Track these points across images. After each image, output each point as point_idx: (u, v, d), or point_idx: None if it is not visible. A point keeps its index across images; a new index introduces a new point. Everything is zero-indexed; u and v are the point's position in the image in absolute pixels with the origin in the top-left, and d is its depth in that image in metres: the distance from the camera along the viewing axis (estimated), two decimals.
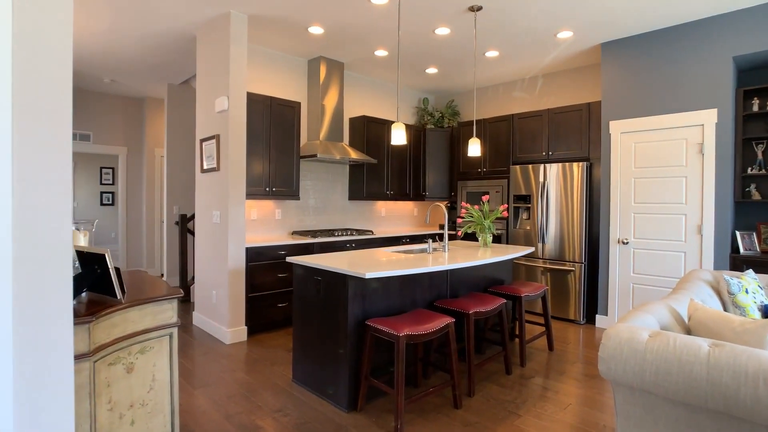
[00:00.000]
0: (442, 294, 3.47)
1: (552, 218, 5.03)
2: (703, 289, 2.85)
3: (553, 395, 3.06)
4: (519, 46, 4.80)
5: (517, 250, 3.97)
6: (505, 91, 6.22)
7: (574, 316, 4.85)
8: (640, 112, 4.47)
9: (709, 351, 1.59)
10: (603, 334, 1.78)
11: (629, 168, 4.53)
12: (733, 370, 1.51)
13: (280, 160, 4.66)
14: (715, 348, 1.59)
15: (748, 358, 1.52)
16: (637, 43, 4.49)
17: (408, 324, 2.66)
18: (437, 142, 6.30)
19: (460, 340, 3.63)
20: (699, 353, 1.59)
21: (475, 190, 5.88)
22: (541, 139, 5.29)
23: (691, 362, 1.59)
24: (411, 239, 5.71)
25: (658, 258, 4.36)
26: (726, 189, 4.02)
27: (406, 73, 5.86)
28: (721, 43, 4.03)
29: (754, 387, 1.46)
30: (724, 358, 1.54)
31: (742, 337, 1.86)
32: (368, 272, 2.54)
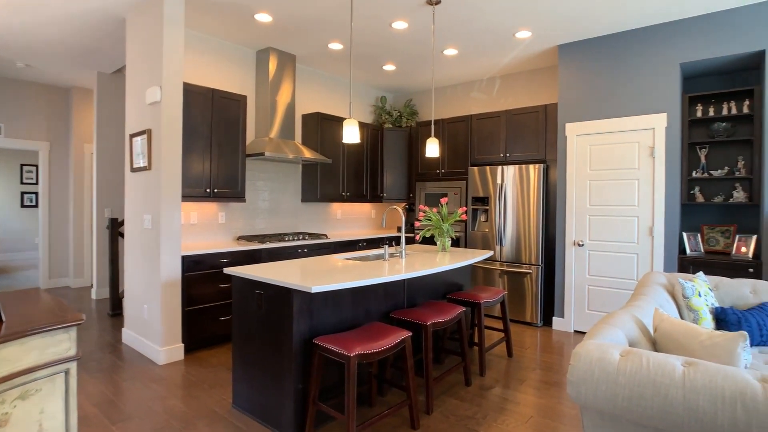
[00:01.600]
0: (399, 304, 3.26)
1: (509, 220, 4.96)
2: (660, 293, 2.81)
3: (513, 407, 2.93)
4: (478, 45, 4.69)
5: (476, 254, 3.83)
6: (463, 92, 6.12)
7: (531, 319, 4.80)
8: (596, 114, 4.47)
9: (684, 372, 1.47)
10: (572, 353, 1.63)
11: (585, 170, 4.52)
12: (709, 393, 1.40)
13: (223, 158, 4.28)
14: (689, 368, 1.48)
15: (724, 379, 1.41)
16: (593, 46, 4.49)
17: (360, 341, 2.42)
18: (395, 142, 6.11)
19: (418, 351, 3.44)
20: (674, 375, 1.47)
21: (433, 191, 5.74)
22: (499, 140, 5.22)
23: (666, 385, 1.46)
24: (368, 243, 5.49)
25: (612, 259, 4.37)
26: (674, 192, 4.08)
27: (362, 69, 5.62)
28: (669, 50, 4.09)
29: (731, 411, 1.35)
30: (700, 379, 1.43)
31: (711, 351, 1.77)
32: (315, 285, 2.28)
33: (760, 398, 1.32)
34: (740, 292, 2.98)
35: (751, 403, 1.33)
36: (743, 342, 1.65)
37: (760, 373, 1.43)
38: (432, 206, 5.69)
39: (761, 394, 1.33)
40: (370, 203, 6.26)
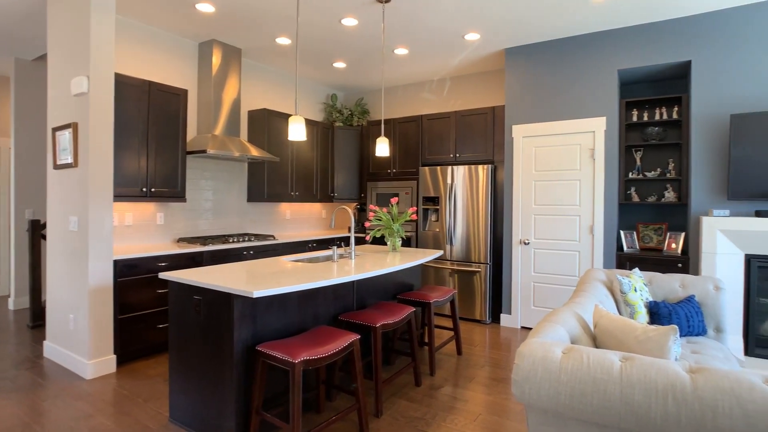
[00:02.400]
0: (348, 306, 3.19)
1: (459, 220, 5.02)
2: (600, 289, 2.92)
3: (462, 405, 2.95)
4: (428, 45, 4.70)
5: (427, 254, 3.83)
6: (414, 92, 6.14)
7: (480, 316, 4.89)
8: (540, 117, 4.61)
9: (621, 367, 1.50)
10: (516, 352, 1.63)
11: (530, 171, 4.65)
12: (644, 386, 1.44)
13: (161, 155, 4.03)
14: (626, 363, 1.52)
15: (656, 373, 1.45)
16: (538, 50, 4.63)
17: (307, 346, 2.33)
18: (346, 141, 6.03)
19: (367, 354, 3.39)
20: (612, 371, 1.50)
21: (385, 191, 5.71)
22: (449, 141, 5.27)
23: (605, 381, 1.49)
24: (318, 244, 5.37)
25: (555, 257, 4.53)
26: (612, 192, 4.29)
27: (312, 66, 5.49)
28: (609, 56, 4.28)
29: (663, 404, 1.39)
30: (635, 374, 1.47)
31: (645, 346, 1.83)
32: (257, 290, 2.17)
33: (689, 389, 1.37)
34: (671, 287, 3.16)
35: (681, 395, 1.37)
36: (674, 335, 1.72)
37: (688, 364, 1.49)
38: (383, 206, 5.67)
39: (689, 386, 1.38)
40: (320, 203, 6.15)
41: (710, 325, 3.00)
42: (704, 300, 3.03)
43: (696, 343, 2.78)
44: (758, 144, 3.59)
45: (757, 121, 3.59)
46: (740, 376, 1.38)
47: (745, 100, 3.76)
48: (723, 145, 3.85)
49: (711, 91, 3.89)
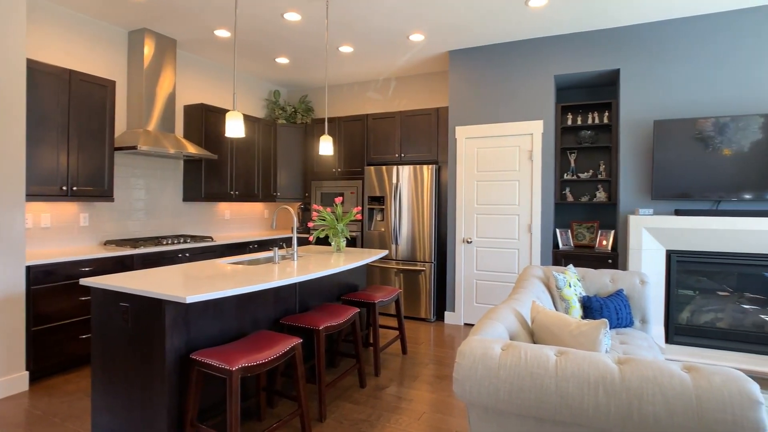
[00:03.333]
0: (291, 309, 3.09)
1: (405, 219, 5.05)
2: (537, 285, 3.02)
3: (407, 405, 2.94)
4: (373, 44, 4.68)
5: (372, 253, 3.81)
6: (360, 91, 6.09)
7: (425, 315, 4.94)
8: (482, 119, 4.73)
9: (557, 361, 1.54)
10: (457, 351, 1.63)
11: (473, 171, 4.76)
12: (577, 379, 1.48)
13: (85, 151, 3.71)
14: (561, 357, 1.56)
15: (589, 366, 1.50)
16: (481, 54, 4.74)
17: (245, 352, 2.22)
18: (290, 139, 5.88)
19: (311, 357, 3.30)
20: (548, 365, 1.54)
21: (330, 190, 5.62)
22: (394, 140, 5.28)
23: (541, 375, 1.52)
24: (260, 245, 5.18)
25: (496, 255, 4.66)
26: (549, 192, 4.48)
27: (253, 61, 5.29)
28: (546, 62, 4.47)
29: (595, 395, 1.44)
30: (569, 367, 1.51)
31: (579, 339, 1.91)
32: (191, 295, 2.04)
33: (617, 380, 1.43)
34: (602, 281, 3.34)
35: (611, 385, 1.43)
36: (604, 329, 1.80)
37: (617, 356, 1.56)
38: (328, 206, 5.58)
39: (618, 377, 1.44)
40: (262, 203, 5.95)
41: (637, 316, 3.20)
42: (631, 293, 3.23)
43: (624, 334, 2.96)
44: (678, 148, 3.88)
45: (676, 127, 3.88)
46: (662, 365, 1.46)
47: (667, 107, 4.07)
48: (647, 149, 4.13)
49: (637, 98, 4.16)
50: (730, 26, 3.87)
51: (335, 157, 5.65)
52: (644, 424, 1.38)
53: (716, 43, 3.91)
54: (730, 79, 3.87)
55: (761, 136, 3.64)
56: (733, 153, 3.72)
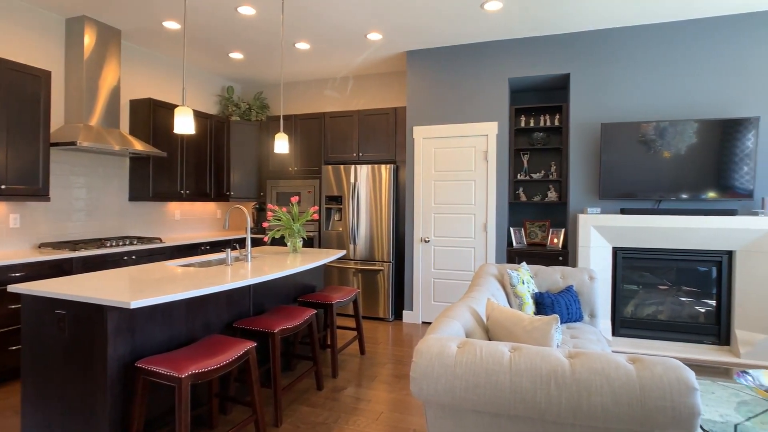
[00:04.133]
0: (245, 312, 2.99)
1: (363, 219, 5.02)
2: (492, 283, 3.08)
3: (365, 405, 2.92)
4: (331, 41, 4.62)
5: (329, 254, 3.76)
6: (317, 88, 6.01)
7: (384, 314, 4.93)
8: (439, 119, 4.78)
9: (511, 357, 1.57)
10: (414, 350, 1.63)
11: (430, 171, 4.81)
12: (530, 374, 1.51)
13: (15, 146, 3.42)
14: (515, 353, 1.59)
15: (541, 360, 1.54)
16: (438, 55, 4.80)
17: (195, 358, 2.12)
18: (244, 137, 5.70)
19: (266, 361, 3.21)
20: (502, 361, 1.56)
21: (286, 190, 5.51)
22: (352, 139, 5.24)
23: (496, 371, 1.54)
24: (212, 246, 5.00)
25: (453, 254, 4.73)
26: (503, 191, 4.59)
27: (205, 55, 5.10)
28: (500, 65, 4.58)
29: (547, 388, 1.48)
30: (523, 362, 1.54)
31: (532, 335, 1.95)
32: (136, 299, 1.92)
33: (568, 373, 1.48)
34: (553, 278, 3.45)
35: (562, 378, 1.47)
36: (555, 324, 1.85)
37: (567, 350, 1.61)
38: (284, 205, 5.47)
39: (568, 370, 1.48)
40: (215, 202, 5.75)
41: (586, 311, 3.34)
42: (581, 289, 3.36)
43: (574, 329, 3.07)
44: (623, 150, 4.09)
45: (622, 130, 4.08)
46: (609, 358, 1.51)
47: (613, 111, 4.27)
48: (595, 151, 4.32)
49: (586, 101, 4.35)
50: (669, 37, 4.12)
51: (292, 156, 5.54)
52: (593, 414, 1.43)
53: (657, 52, 4.15)
54: (670, 85, 4.12)
55: (696, 140, 3.90)
56: (672, 155, 3.96)
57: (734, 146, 3.81)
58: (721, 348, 3.96)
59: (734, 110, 3.97)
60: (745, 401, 2.37)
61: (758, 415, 2.21)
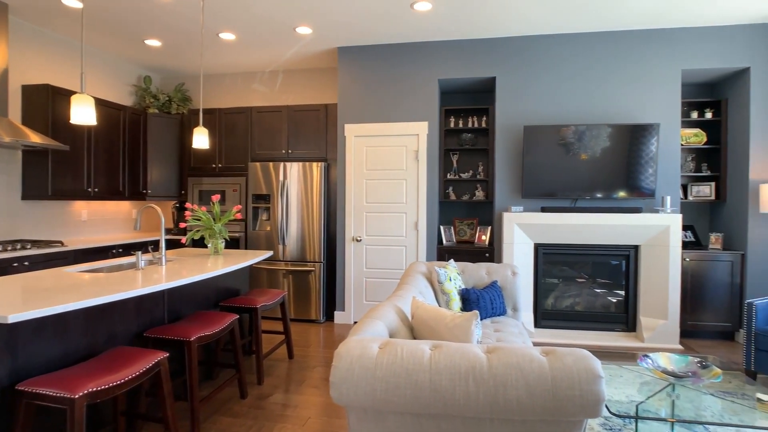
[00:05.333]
0: (158, 320, 2.76)
1: (293, 218, 4.87)
2: (421, 281, 3.10)
3: (292, 411, 2.81)
4: (258, 34, 4.42)
5: (255, 255, 3.59)
6: (244, 82, 5.74)
7: (315, 316, 4.82)
8: (371, 118, 4.75)
9: (431, 356, 1.56)
10: (334, 353, 1.56)
11: (362, 170, 4.77)
12: (450, 372, 1.51)
13: None
14: (435, 351, 1.58)
15: (460, 357, 1.54)
16: (370, 53, 4.76)
17: (94, 375, 1.91)
18: (163, 131, 5.31)
19: (183, 372, 2.99)
20: (423, 360, 1.54)
21: (210, 188, 5.21)
22: (281, 136, 5.07)
23: (416, 371, 1.52)
24: (125, 249, 4.59)
25: (385, 252, 4.73)
26: (434, 190, 4.66)
27: (117, 40, 4.67)
28: (431, 66, 4.64)
29: (465, 385, 1.48)
30: (443, 360, 1.53)
31: (454, 332, 1.96)
32: (15, 312, 1.68)
33: (485, 369, 1.49)
34: (479, 274, 3.55)
35: (479, 374, 1.48)
36: (475, 320, 1.87)
37: (486, 346, 1.62)
38: (207, 204, 5.17)
39: (486, 365, 1.50)
40: (130, 201, 5.30)
41: (509, 305, 3.46)
42: (504, 284, 3.48)
43: (498, 322, 3.17)
44: (544, 152, 4.30)
45: (543, 132, 4.29)
46: (525, 352, 1.54)
47: (536, 114, 4.48)
48: (519, 152, 4.51)
49: (511, 104, 4.52)
50: (585, 47, 4.39)
51: (216, 152, 5.25)
52: (509, 408, 1.45)
53: (575, 60, 4.41)
54: (586, 92, 4.39)
55: (609, 144, 4.19)
56: (589, 157, 4.23)
57: (641, 150, 4.14)
58: (628, 334, 4.30)
59: (640, 117, 4.32)
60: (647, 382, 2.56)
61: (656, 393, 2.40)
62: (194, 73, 5.83)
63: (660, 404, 2.30)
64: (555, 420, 1.49)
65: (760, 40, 4.12)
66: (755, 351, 3.18)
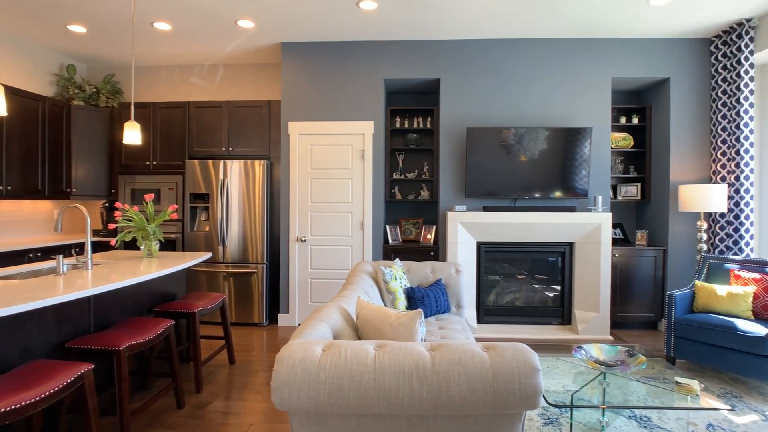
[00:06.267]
0: (83, 329, 2.54)
1: (234, 218, 4.68)
2: (366, 280, 3.09)
3: (233, 419, 2.70)
4: (196, 25, 4.21)
5: (193, 257, 3.41)
6: (181, 75, 5.45)
7: (258, 319, 4.67)
8: (316, 116, 4.67)
9: (375, 355, 1.54)
10: (276, 357, 1.51)
11: (306, 169, 4.68)
12: (394, 371, 1.50)
13: None
14: (380, 350, 1.57)
15: (404, 356, 1.54)
16: (316, 49, 4.67)
17: (2, 394, 1.71)
18: (90, 125, 4.92)
19: (112, 384, 2.78)
20: (367, 361, 1.52)
21: (144, 186, 4.89)
22: (221, 132, 4.86)
23: (360, 372, 1.50)
24: (45, 253, 4.20)
25: (331, 252, 4.67)
26: (380, 190, 4.67)
27: (34, 23, 4.27)
28: (377, 65, 4.64)
29: (409, 384, 1.48)
30: (387, 360, 1.52)
31: (398, 331, 1.96)
32: None
33: (429, 367, 1.49)
34: (424, 273, 3.59)
35: (423, 372, 1.48)
36: (419, 318, 1.88)
37: (429, 343, 1.63)
38: (139, 204, 4.85)
39: (429, 363, 1.50)
40: (51, 201, 4.87)
41: (453, 302, 3.53)
42: (449, 282, 3.55)
43: (443, 320, 3.22)
44: (486, 153, 4.42)
45: (485, 134, 4.42)
46: (467, 348, 1.57)
47: (479, 116, 4.60)
48: (463, 153, 4.61)
49: (454, 106, 4.61)
50: (524, 52, 4.57)
51: (150, 148, 4.94)
52: (451, 404, 1.46)
53: (515, 65, 4.58)
54: (526, 95, 4.58)
55: (546, 146, 4.39)
56: (528, 159, 4.41)
57: (575, 152, 4.37)
58: (564, 327, 4.53)
59: (575, 121, 4.56)
60: (581, 372, 2.70)
61: (589, 382, 2.54)
62: (125, 64, 5.45)
63: (593, 392, 2.43)
64: (496, 413, 1.53)
65: (678, 54, 4.49)
66: (674, 338, 3.45)
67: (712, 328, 3.22)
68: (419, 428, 1.55)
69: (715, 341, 3.20)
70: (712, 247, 4.31)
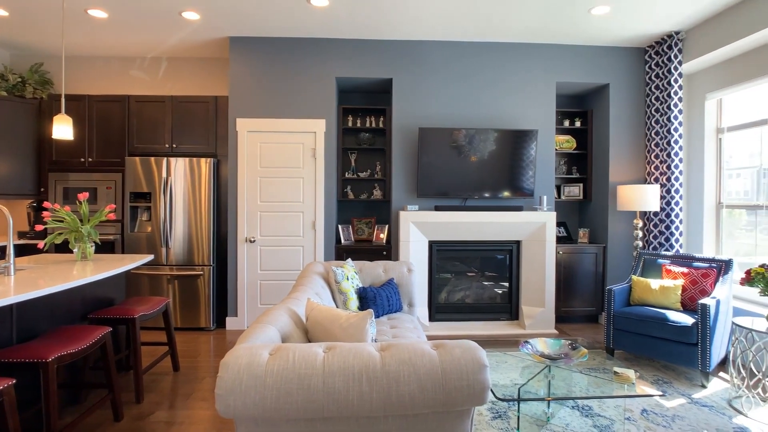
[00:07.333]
0: (3, 341, 2.32)
1: (178, 219, 4.46)
2: (318, 281, 3.03)
3: (177, 428, 2.57)
4: (136, 14, 3.97)
5: (133, 259, 3.22)
6: (121, 67, 5.13)
7: (205, 323, 4.48)
8: (266, 113, 4.55)
9: (324, 358, 1.51)
10: (220, 363, 1.44)
11: (255, 167, 4.54)
12: (343, 373, 1.48)
13: None
14: (329, 353, 1.54)
15: (354, 358, 1.52)
16: (265, 45, 4.54)
17: None
18: (14, 117, 4.52)
19: (38, 400, 2.56)
20: (316, 363, 1.49)
21: (78, 185, 4.56)
22: (164, 128, 4.62)
23: (309, 375, 1.46)
24: None
25: (281, 253, 4.56)
26: (332, 189, 4.62)
27: None
28: (328, 63, 4.58)
29: (359, 385, 1.46)
30: (336, 362, 1.50)
31: (348, 332, 1.94)
32: None
33: (379, 367, 1.48)
34: (376, 272, 3.58)
35: (373, 373, 1.46)
36: (370, 319, 1.86)
37: (380, 344, 1.62)
38: (72, 204, 4.52)
39: (379, 363, 1.49)
40: None
41: (405, 301, 3.55)
42: (401, 281, 3.56)
43: (395, 319, 3.22)
44: (438, 153, 4.48)
45: (437, 134, 4.47)
46: (416, 347, 1.57)
47: (431, 116, 4.65)
48: (415, 153, 4.65)
49: (407, 106, 4.64)
50: (474, 55, 4.67)
51: (85, 144, 4.60)
52: (401, 404, 1.46)
53: (465, 67, 4.67)
54: (476, 97, 4.68)
55: (495, 147, 4.51)
56: (477, 159, 4.51)
57: (522, 153, 4.52)
58: (512, 323, 4.68)
59: (522, 123, 4.72)
60: (528, 366, 2.79)
61: (535, 375, 2.63)
62: (56, 53, 5.06)
63: (539, 385, 2.52)
64: (446, 411, 1.54)
65: (617, 61, 4.76)
66: (613, 330, 3.65)
67: (646, 320, 3.44)
68: (369, 429, 1.53)
69: (648, 332, 3.42)
70: (647, 243, 4.60)
